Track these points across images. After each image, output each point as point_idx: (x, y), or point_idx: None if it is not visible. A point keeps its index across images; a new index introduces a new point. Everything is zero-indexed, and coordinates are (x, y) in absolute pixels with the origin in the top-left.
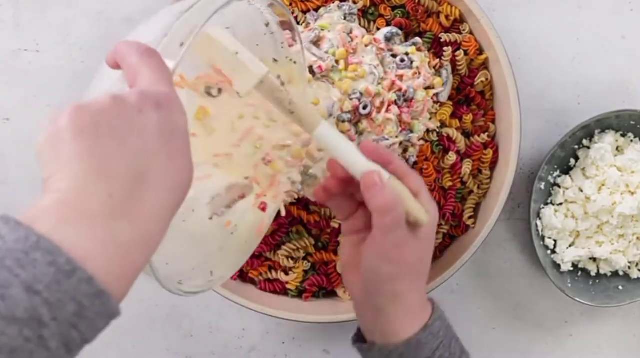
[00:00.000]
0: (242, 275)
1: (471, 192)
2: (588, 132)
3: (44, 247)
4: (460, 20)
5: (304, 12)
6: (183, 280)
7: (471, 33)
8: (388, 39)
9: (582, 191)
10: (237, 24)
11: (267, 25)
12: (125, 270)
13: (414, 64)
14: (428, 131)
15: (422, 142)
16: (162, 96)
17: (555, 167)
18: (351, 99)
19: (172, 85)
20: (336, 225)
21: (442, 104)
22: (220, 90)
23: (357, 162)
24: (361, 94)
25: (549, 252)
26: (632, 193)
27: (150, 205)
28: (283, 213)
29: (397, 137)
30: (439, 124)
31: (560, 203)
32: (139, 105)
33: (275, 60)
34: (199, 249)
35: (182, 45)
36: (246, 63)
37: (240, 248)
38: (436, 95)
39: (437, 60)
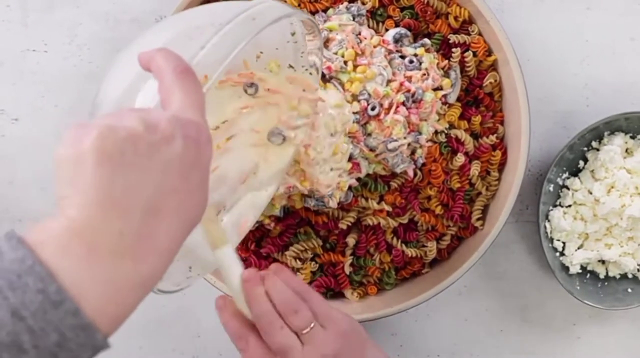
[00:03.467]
0: None
1: (479, 193)
2: (597, 134)
3: (37, 273)
4: (469, 21)
5: (313, 13)
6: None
7: (480, 34)
8: (397, 40)
9: (591, 193)
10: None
11: (292, 34)
12: (120, 311)
13: (423, 65)
14: (436, 132)
15: (430, 143)
16: (193, 127)
17: (564, 169)
18: (359, 100)
19: (203, 112)
20: (344, 226)
21: (450, 106)
22: (256, 88)
23: (238, 298)
24: (369, 95)
25: (557, 254)
26: None
27: (159, 243)
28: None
29: (405, 138)
30: (447, 126)
31: (569, 206)
32: (169, 135)
33: (291, 67)
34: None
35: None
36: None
37: None
38: (445, 96)
39: (446, 62)
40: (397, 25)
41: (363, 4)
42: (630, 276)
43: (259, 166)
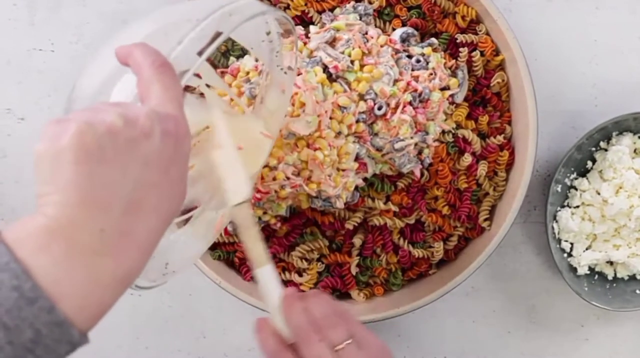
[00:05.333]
0: None
1: (487, 194)
2: (605, 134)
3: (12, 270)
4: (477, 20)
5: (320, 13)
6: None
7: (487, 34)
8: (404, 40)
9: (599, 194)
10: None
11: (268, 34)
12: (99, 307)
13: (430, 65)
14: (443, 132)
15: (437, 143)
16: (171, 121)
17: (572, 169)
18: (366, 100)
19: (181, 106)
20: (351, 227)
21: (457, 105)
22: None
23: (275, 316)
24: (376, 94)
25: (565, 255)
26: None
27: (139, 238)
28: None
29: (412, 138)
30: (454, 125)
31: (577, 206)
32: (148, 129)
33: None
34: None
35: (200, 55)
36: (242, 176)
37: (196, 242)
38: (452, 96)
39: (453, 61)
40: (404, 25)
41: (370, 3)
42: (638, 277)
43: None
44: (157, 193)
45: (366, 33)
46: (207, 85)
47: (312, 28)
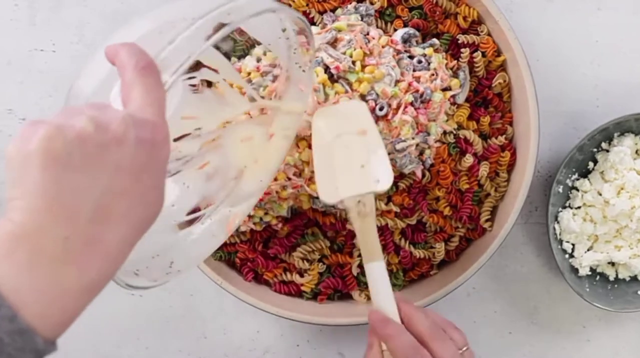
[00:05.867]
0: (257, 277)
1: (488, 194)
2: (607, 134)
3: None
4: (478, 21)
5: (321, 13)
6: (140, 270)
7: (489, 34)
8: (405, 40)
9: (600, 195)
10: (256, 22)
11: (283, 30)
12: (64, 315)
13: (431, 66)
14: (445, 133)
15: (438, 144)
16: (148, 127)
17: (574, 170)
18: (367, 101)
19: (163, 110)
20: (351, 227)
21: (459, 106)
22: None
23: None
24: (378, 95)
25: (566, 256)
26: None
27: (107, 247)
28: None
29: (413, 138)
30: (456, 126)
31: (579, 207)
32: (121, 136)
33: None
34: (165, 236)
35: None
36: (387, 163)
37: (205, 241)
38: (453, 97)
39: (455, 62)
40: (405, 25)
41: (371, 3)
42: None
43: (248, 165)
44: (128, 201)
45: (368, 34)
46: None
47: (313, 29)
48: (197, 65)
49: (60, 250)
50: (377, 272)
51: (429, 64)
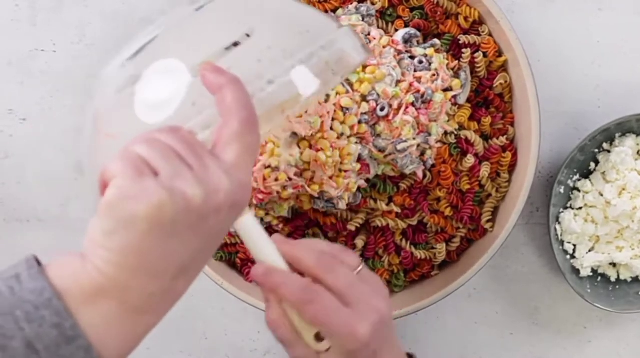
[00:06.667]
0: None
1: (489, 195)
2: (608, 135)
3: (54, 307)
4: (479, 21)
5: None
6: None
7: (490, 35)
8: (406, 41)
9: (602, 195)
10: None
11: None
12: (128, 351)
13: (432, 66)
14: (446, 133)
15: (439, 144)
16: (241, 192)
17: (575, 170)
18: (368, 101)
19: (252, 170)
20: (353, 228)
21: (460, 106)
22: None
23: (271, 260)
24: (378, 95)
25: (568, 256)
26: None
27: (179, 293)
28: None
29: (414, 139)
30: (457, 127)
31: (580, 208)
32: (221, 206)
33: None
34: None
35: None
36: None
37: None
38: (454, 97)
39: (456, 62)
40: (406, 26)
41: (372, 4)
42: None
43: None
44: (205, 257)
45: (369, 34)
46: None
47: None
48: None
49: (143, 303)
50: (246, 225)
51: (430, 64)
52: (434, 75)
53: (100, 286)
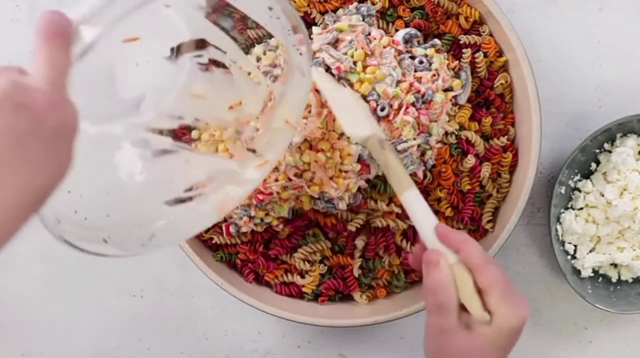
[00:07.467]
0: (258, 278)
1: (490, 195)
2: (609, 135)
3: None
4: (480, 21)
5: (322, 14)
6: (113, 238)
7: (491, 35)
8: (406, 41)
9: (603, 196)
10: None
11: (270, 9)
12: None
13: (433, 66)
14: (446, 134)
15: (440, 144)
16: (29, 93)
17: (576, 171)
18: (369, 101)
19: (60, 79)
20: (353, 229)
21: (460, 107)
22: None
23: (428, 237)
24: (379, 95)
25: (569, 257)
26: None
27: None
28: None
29: (414, 139)
30: (457, 127)
31: (581, 208)
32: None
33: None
34: (152, 207)
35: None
36: (361, 117)
37: (195, 220)
38: (455, 97)
39: (456, 62)
40: (407, 26)
41: (373, 4)
42: None
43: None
44: (9, 166)
45: (369, 34)
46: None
47: (314, 29)
48: (204, 44)
49: None
50: (413, 199)
51: (430, 64)
52: (434, 75)
53: None
